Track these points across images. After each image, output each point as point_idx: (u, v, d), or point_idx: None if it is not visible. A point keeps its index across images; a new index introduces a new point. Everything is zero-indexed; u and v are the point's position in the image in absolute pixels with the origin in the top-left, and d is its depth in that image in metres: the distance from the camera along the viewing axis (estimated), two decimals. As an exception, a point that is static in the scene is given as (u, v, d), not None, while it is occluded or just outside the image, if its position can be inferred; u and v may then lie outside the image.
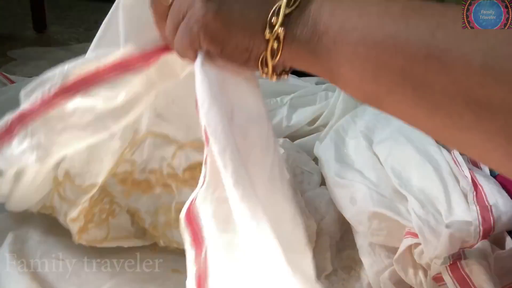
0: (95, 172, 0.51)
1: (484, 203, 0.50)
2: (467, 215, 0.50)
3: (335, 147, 0.70)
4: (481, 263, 0.42)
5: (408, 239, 0.51)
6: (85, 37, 1.89)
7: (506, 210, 0.49)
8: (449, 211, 0.51)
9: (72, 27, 2.05)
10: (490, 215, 0.48)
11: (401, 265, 0.50)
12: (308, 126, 0.79)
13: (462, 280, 0.43)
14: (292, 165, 0.67)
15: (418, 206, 0.53)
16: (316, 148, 0.73)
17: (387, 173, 0.60)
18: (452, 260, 0.44)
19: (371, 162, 0.64)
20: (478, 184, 0.53)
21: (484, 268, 0.42)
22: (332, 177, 0.63)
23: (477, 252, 0.44)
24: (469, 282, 0.43)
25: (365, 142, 0.68)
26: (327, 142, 0.72)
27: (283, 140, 0.67)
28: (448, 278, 0.44)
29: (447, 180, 0.56)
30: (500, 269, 0.45)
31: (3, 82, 1.08)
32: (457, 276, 0.43)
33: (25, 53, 1.56)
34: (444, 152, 0.61)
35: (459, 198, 0.53)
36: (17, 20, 2.06)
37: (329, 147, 0.70)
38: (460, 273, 0.43)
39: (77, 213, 0.51)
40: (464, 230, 0.47)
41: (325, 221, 0.60)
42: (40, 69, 1.48)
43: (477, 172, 0.56)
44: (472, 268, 0.43)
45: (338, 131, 0.74)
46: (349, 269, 0.57)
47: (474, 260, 0.43)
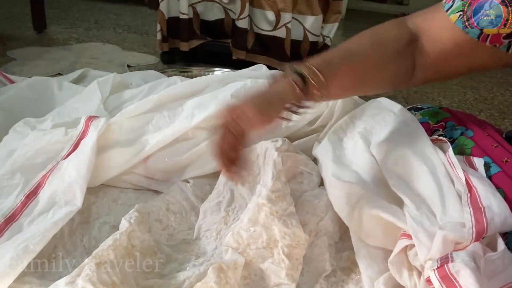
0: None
1: (477, 205, 0.50)
2: (461, 216, 0.50)
3: (332, 148, 0.70)
4: (469, 265, 0.42)
5: (403, 241, 0.52)
6: (85, 37, 1.90)
7: (499, 212, 0.49)
8: (444, 213, 0.52)
9: (72, 27, 2.06)
10: (483, 217, 0.48)
11: (395, 266, 0.50)
12: (308, 126, 0.80)
13: (449, 282, 0.43)
14: (291, 165, 0.68)
15: (413, 207, 0.53)
16: (314, 149, 0.74)
17: (384, 174, 0.61)
18: (440, 263, 0.44)
19: (369, 163, 0.64)
20: (473, 186, 0.54)
21: (472, 270, 0.42)
22: (329, 178, 0.63)
23: (466, 254, 0.44)
24: (456, 285, 0.42)
25: (363, 143, 0.68)
26: (325, 143, 0.72)
27: (282, 140, 0.67)
28: (436, 280, 0.44)
29: (442, 182, 0.57)
30: (491, 271, 0.45)
31: (3, 82, 1.09)
32: (444, 278, 0.43)
33: (25, 53, 1.56)
34: (440, 154, 0.62)
35: (453, 199, 0.53)
36: (17, 20, 2.06)
37: (327, 148, 0.70)
38: (447, 276, 0.43)
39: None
40: (458, 232, 0.47)
41: (324, 222, 0.60)
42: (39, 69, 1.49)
43: (472, 174, 0.56)
44: (459, 270, 0.43)
45: (336, 132, 0.75)
46: (348, 270, 0.57)
47: (461, 263, 0.43)
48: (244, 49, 1.53)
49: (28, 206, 0.62)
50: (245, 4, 1.45)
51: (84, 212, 0.65)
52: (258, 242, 0.53)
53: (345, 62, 0.56)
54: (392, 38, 0.60)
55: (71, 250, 0.60)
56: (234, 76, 0.89)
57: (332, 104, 0.80)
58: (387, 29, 0.62)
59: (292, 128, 0.78)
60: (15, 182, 0.65)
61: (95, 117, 0.73)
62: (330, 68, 0.54)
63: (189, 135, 0.74)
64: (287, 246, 0.52)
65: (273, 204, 0.54)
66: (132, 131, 0.74)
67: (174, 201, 0.67)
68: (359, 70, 0.58)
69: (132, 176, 0.74)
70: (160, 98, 0.78)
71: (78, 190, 0.63)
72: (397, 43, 0.59)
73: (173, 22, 1.52)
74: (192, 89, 0.83)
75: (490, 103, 1.63)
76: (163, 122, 0.75)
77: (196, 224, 0.64)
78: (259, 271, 0.53)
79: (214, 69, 1.39)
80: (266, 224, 0.53)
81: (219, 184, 0.67)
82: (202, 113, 0.73)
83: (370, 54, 0.58)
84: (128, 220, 0.58)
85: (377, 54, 0.58)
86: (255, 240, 0.53)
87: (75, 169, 0.65)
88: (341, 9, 1.57)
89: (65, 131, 0.72)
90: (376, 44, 0.59)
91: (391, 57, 0.59)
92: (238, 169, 0.51)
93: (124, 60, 1.60)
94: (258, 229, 0.53)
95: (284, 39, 1.49)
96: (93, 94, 0.89)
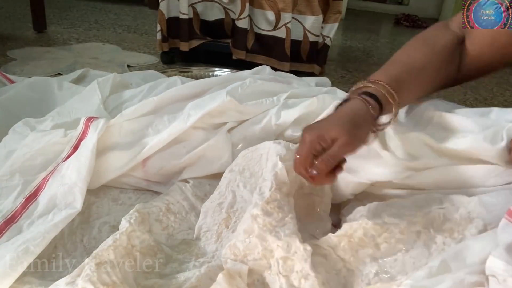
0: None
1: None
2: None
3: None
4: None
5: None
6: (85, 37, 1.90)
7: None
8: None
9: (72, 27, 2.06)
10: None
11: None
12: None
13: None
14: (297, 175, 0.66)
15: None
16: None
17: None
18: None
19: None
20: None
21: None
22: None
23: None
24: None
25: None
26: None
27: (285, 144, 0.65)
28: None
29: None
30: None
31: (3, 82, 1.09)
32: None
33: (25, 53, 1.56)
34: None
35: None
36: (17, 20, 2.06)
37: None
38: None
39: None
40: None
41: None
42: (39, 69, 1.50)
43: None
44: None
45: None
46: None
47: None
48: (244, 49, 1.53)
49: (28, 208, 0.62)
50: (245, 4, 1.45)
51: (84, 212, 0.65)
52: (255, 253, 0.52)
53: (410, 78, 0.57)
54: (443, 46, 0.61)
55: (71, 250, 0.60)
56: (236, 77, 0.89)
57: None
58: (437, 36, 0.63)
59: (281, 127, 0.77)
60: (14, 183, 0.65)
61: (94, 118, 0.73)
62: (398, 84, 0.55)
63: (186, 136, 0.74)
64: (281, 258, 0.51)
65: (267, 216, 0.53)
66: (131, 133, 0.74)
67: (174, 201, 0.67)
68: (421, 82, 0.60)
69: (131, 178, 0.74)
70: (160, 100, 0.78)
71: (78, 192, 0.63)
72: (448, 50, 0.61)
73: (173, 22, 1.52)
74: (193, 91, 0.83)
75: (490, 103, 1.63)
76: (163, 126, 0.74)
77: (197, 224, 0.64)
78: (261, 277, 0.52)
79: (214, 69, 1.39)
80: (260, 235, 0.52)
81: (221, 185, 0.67)
82: (198, 113, 0.73)
83: (428, 66, 0.60)
84: (128, 220, 0.58)
85: (434, 64, 0.60)
86: (251, 251, 0.52)
87: (75, 171, 0.65)
88: (341, 9, 1.56)
89: (64, 132, 0.71)
90: (431, 55, 0.60)
91: (445, 64, 0.61)
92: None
93: (124, 60, 1.60)
94: (254, 240, 0.52)
95: (284, 39, 1.49)
96: (93, 94, 0.89)
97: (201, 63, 1.63)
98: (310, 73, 1.53)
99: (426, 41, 0.62)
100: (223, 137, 0.74)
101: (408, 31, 3.13)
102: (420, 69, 0.59)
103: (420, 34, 0.64)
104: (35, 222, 0.60)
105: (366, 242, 0.52)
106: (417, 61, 0.59)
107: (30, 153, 0.69)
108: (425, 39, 0.63)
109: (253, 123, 0.76)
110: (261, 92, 0.81)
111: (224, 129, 0.75)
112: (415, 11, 3.58)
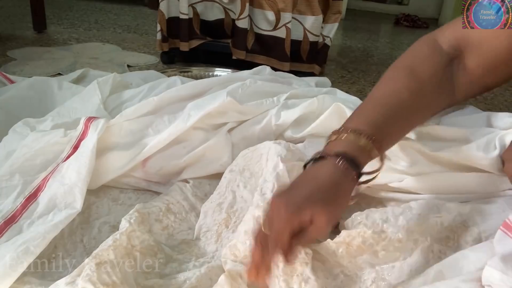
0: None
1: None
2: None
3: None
4: None
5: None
6: (85, 37, 1.90)
7: None
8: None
9: (71, 27, 2.06)
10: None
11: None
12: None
13: None
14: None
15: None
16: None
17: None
18: None
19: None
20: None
21: None
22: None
23: None
24: None
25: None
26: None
27: (285, 145, 0.64)
28: None
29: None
30: None
31: (3, 82, 1.09)
32: None
33: (25, 53, 1.56)
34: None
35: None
36: (17, 20, 2.06)
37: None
38: None
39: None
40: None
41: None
42: (39, 69, 1.50)
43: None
44: None
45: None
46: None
47: None
48: (244, 49, 1.53)
49: (28, 209, 0.62)
50: (245, 4, 1.45)
51: (84, 212, 0.65)
52: None
53: (392, 121, 0.51)
54: (431, 75, 0.54)
55: (71, 250, 0.60)
56: (236, 77, 0.89)
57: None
58: (423, 63, 0.55)
59: (281, 127, 0.77)
60: (14, 183, 0.65)
61: (94, 118, 0.73)
62: (380, 131, 0.48)
63: (186, 136, 0.74)
64: (282, 261, 0.51)
65: None
66: (131, 133, 0.74)
67: (174, 201, 0.67)
68: (405, 122, 0.53)
69: (131, 178, 0.74)
70: (160, 100, 0.78)
71: (78, 193, 0.63)
72: (438, 78, 0.54)
73: (173, 22, 1.52)
74: (193, 91, 0.83)
75: (490, 103, 1.63)
76: (163, 126, 0.74)
77: (197, 224, 0.64)
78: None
79: (214, 69, 1.39)
80: None
81: (221, 185, 0.67)
82: (198, 113, 0.73)
83: (415, 103, 0.52)
84: (128, 220, 0.58)
85: (422, 99, 0.53)
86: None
87: (76, 171, 0.65)
88: (341, 9, 1.57)
89: (64, 132, 0.71)
90: (418, 89, 0.53)
91: (435, 95, 0.54)
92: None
93: (124, 60, 1.60)
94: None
95: (284, 39, 1.49)
96: (93, 94, 0.89)
97: (201, 63, 1.63)
98: (310, 73, 1.53)
99: (411, 72, 0.54)
100: (223, 138, 0.74)
101: (408, 31, 3.14)
102: (403, 109, 0.51)
103: (402, 61, 0.56)
104: (35, 222, 0.60)
105: (364, 250, 0.52)
106: (402, 98, 0.52)
107: (30, 153, 0.69)
108: (410, 69, 0.54)
109: (253, 124, 0.76)
110: (261, 92, 0.81)
111: (224, 129, 0.75)
112: (415, 11, 3.58)
